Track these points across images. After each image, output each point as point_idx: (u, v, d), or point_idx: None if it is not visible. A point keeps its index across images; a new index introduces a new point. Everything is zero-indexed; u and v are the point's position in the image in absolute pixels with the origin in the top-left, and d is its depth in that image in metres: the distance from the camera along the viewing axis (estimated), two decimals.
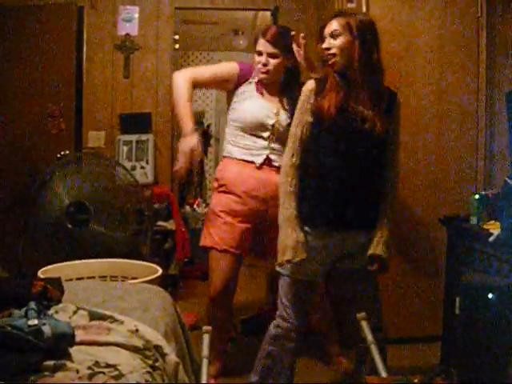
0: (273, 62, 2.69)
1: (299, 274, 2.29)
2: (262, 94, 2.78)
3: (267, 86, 2.79)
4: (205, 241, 2.84)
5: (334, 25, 2.22)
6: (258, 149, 2.75)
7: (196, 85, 2.78)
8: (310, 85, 2.30)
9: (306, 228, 2.25)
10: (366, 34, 2.21)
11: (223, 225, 2.77)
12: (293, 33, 2.64)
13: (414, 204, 3.27)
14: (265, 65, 2.70)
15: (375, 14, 3.19)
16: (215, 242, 2.78)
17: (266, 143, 2.75)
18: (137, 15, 4.34)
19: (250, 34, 6.55)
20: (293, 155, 2.28)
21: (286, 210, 2.24)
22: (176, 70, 4.61)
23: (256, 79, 2.78)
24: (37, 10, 4.15)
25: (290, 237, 2.20)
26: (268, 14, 4.61)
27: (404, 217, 3.23)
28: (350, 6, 3.28)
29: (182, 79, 2.72)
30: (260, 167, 2.74)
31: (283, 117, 2.73)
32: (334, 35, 2.22)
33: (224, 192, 2.81)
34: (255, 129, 2.74)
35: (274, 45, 2.67)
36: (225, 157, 2.87)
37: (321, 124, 2.22)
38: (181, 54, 7.12)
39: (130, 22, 4.33)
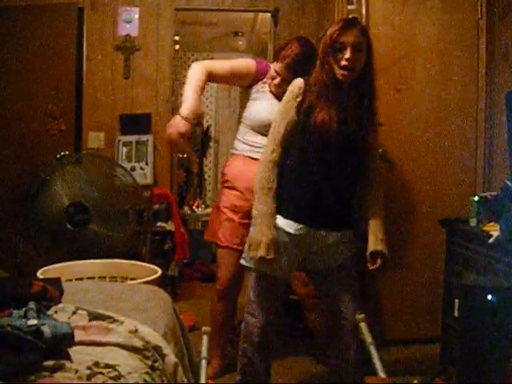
0: (286, 83, 2.70)
1: (264, 268, 2.29)
2: (274, 94, 2.79)
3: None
4: (208, 235, 2.94)
5: (358, 36, 2.15)
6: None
7: (212, 77, 2.75)
8: (298, 83, 2.29)
9: (280, 219, 2.26)
10: (371, 49, 2.20)
11: (226, 221, 2.83)
12: None
13: (413, 206, 3.27)
14: (278, 85, 2.73)
15: (375, 15, 3.21)
16: (218, 237, 2.86)
17: None
18: (137, 16, 4.34)
19: (249, 36, 6.56)
20: (273, 151, 2.28)
21: (263, 206, 2.24)
22: (175, 72, 4.66)
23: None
24: (37, 11, 4.15)
25: (265, 234, 2.20)
26: (268, 15, 4.61)
27: (403, 218, 3.24)
28: (349, 7, 3.27)
29: (197, 68, 2.69)
30: None
31: None
32: (358, 48, 2.14)
33: (228, 187, 2.87)
34: (265, 128, 2.75)
35: (290, 71, 2.67)
36: (233, 153, 2.92)
37: (311, 130, 2.21)
38: (181, 55, 7.13)
39: (130, 22, 4.34)
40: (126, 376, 1.43)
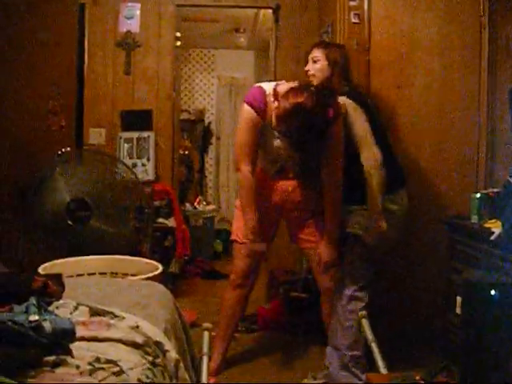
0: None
1: None
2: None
3: None
4: (232, 234, 3.00)
5: (314, 52, 2.82)
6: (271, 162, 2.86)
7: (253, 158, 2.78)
8: None
9: None
10: (336, 62, 2.79)
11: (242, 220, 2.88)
12: None
13: (415, 203, 3.25)
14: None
15: (377, 11, 3.20)
16: (237, 236, 2.93)
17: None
18: (138, 12, 4.34)
19: (251, 32, 6.54)
20: None
21: None
22: (176, 68, 4.65)
23: None
24: (39, 6, 4.14)
25: None
26: (270, 11, 4.60)
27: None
28: (351, 3, 3.27)
29: (247, 182, 2.75)
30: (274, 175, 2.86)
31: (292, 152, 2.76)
32: (314, 60, 2.82)
33: None
34: (266, 161, 2.86)
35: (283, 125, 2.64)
36: None
37: None
38: (182, 52, 7.11)
39: (131, 18, 4.33)
40: (127, 372, 1.43)
